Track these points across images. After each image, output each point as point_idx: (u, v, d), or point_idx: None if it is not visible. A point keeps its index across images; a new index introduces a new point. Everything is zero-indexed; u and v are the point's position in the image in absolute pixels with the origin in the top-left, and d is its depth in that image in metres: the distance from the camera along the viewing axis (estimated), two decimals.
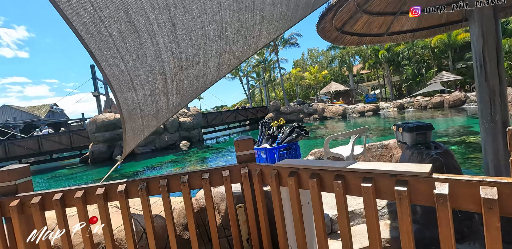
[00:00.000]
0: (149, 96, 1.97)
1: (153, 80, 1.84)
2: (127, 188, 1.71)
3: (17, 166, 1.77)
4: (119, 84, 1.67)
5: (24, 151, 16.50)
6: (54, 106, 37.91)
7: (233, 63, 2.21)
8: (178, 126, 18.68)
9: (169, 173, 1.68)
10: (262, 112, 30.29)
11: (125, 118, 2.12)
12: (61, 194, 1.68)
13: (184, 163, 11.77)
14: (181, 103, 2.34)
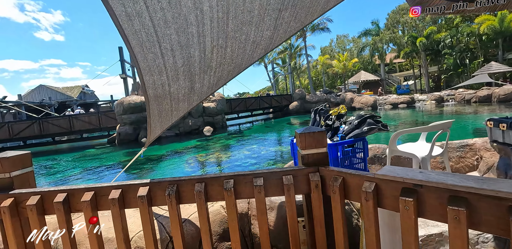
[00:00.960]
0: (181, 68, 1.46)
1: (188, 44, 1.31)
2: (150, 191, 1.26)
3: (15, 152, 1.37)
4: (142, 46, 1.17)
5: (57, 129, 17.21)
6: (86, 88, 39.45)
7: (292, 28, 1.61)
8: (202, 111, 18.51)
9: (205, 175, 1.12)
10: (286, 101, 29.44)
11: (149, 98, 1.64)
12: (65, 194, 1.26)
13: (208, 149, 11.54)
14: (219, 81, 1.82)
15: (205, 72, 1.61)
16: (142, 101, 16.64)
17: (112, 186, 1.27)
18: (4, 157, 1.30)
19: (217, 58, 1.54)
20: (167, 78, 1.49)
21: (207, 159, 9.03)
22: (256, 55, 1.72)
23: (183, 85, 1.67)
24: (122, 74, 18.98)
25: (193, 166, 8.36)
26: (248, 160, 8.27)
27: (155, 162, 9.78)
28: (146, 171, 8.46)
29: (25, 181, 1.38)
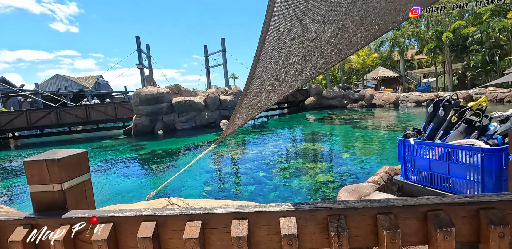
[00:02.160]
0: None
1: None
2: None
3: (68, 151, 0.88)
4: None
5: (73, 118, 17.11)
6: (100, 78, 39.61)
7: None
8: (219, 103, 18.07)
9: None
10: (302, 96, 28.70)
11: (255, 74, 1.12)
12: (153, 223, 0.75)
13: (228, 145, 11.09)
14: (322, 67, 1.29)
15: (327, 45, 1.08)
16: (158, 93, 16.31)
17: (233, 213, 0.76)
18: (53, 159, 0.80)
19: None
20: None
21: (231, 155, 8.57)
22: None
23: (296, 62, 1.16)
24: (139, 64, 18.64)
25: (217, 162, 7.91)
26: (276, 157, 7.77)
27: (175, 156, 9.40)
28: (167, 166, 8.07)
29: (81, 195, 0.89)
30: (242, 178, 6.13)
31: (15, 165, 10.27)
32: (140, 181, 6.70)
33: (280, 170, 6.57)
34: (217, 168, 7.14)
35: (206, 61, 24.26)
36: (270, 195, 5.10)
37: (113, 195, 5.68)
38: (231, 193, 5.21)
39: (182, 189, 5.71)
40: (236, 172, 6.64)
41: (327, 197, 4.83)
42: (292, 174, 6.28)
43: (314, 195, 4.93)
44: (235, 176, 6.30)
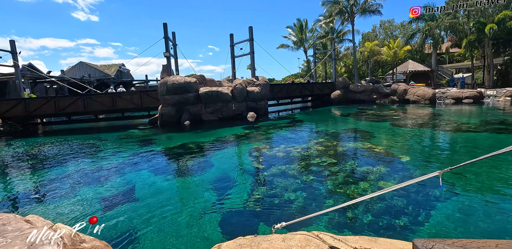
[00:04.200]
0: None
1: None
2: None
3: None
4: None
5: (100, 106, 17.01)
6: (122, 67, 39.81)
7: None
8: (246, 95, 17.40)
9: None
10: (328, 89, 27.53)
11: None
12: None
13: (262, 141, 10.46)
14: None
15: None
16: (185, 82, 15.82)
17: None
18: None
19: None
20: None
21: (274, 153, 7.92)
22: None
23: None
24: (165, 52, 18.13)
25: (260, 161, 7.29)
26: (324, 158, 7.05)
27: (209, 152, 8.87)
28: (203, 164, 7.54)
29: None
30: (290, 181, 5.49)
31: (42, 153, 10.14)
32: (178, 183, 6.20)
33: (332, 173, 5.87)
34: (260, 168, 6.53)
35: (231, 51, 23.49)
36: (325, 203, 4.44)
37: (160, 205, 5.19)
38: (282, 202, 4.58)
39: (228, 191, 5.15)
40: (283, 173, 6.00)
41: (395, 208, 4.11)
42: (346, 178, 5.57)
43: (377, 206, 4.22)
44: (282, 178, 5.67)
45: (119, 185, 5.80)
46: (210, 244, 3.34)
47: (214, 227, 3.74)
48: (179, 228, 3.76)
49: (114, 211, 4.40)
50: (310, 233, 1.63)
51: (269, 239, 1.59)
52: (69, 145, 11.60)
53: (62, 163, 8.32)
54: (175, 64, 20.49)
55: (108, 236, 3.43)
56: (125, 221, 4.02)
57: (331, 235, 1.56)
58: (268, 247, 1.47)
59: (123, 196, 5.12)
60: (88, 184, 5.95)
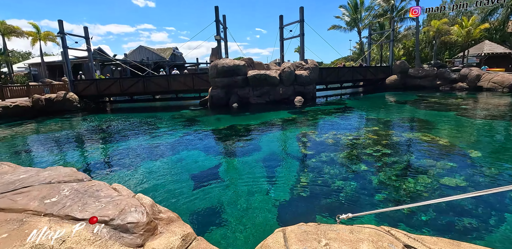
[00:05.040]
0: None
1: None
2: None
3: None
4: None
5: (157, 87, 18.35)
6: (176, 50, 41.81)
7: None
8: (294, 79, 17.02)
9: None
10: (383, 73, 25.37)
11: None
12: None
13: (310, 126, 10.28)
14: None
15: None
16: (234, 65, 16.01)
17: None
18: None
19: None
20: None
21: (323, 140, 7.76)
22: None
23: None
24: (216, 35, 18.42)
25: (307, 147, 7.22)
26: (379, 147, 6.67)
27: (257, 135, 9.04)
28: (250, 147, 7.73)
29: None
30: (339, 169, 5.35)
31: (110, 128, 11.44)
32: (227, 163, 6.49)
33: (385, 164, 5.55)
34: (308, 154, 6.47)
35: (280, 33, 22.83)
36: (376, 196, 4.23)
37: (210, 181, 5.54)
38: (330, 189, 4.50)
39: (275, 175, 5.25)
40: (332, 161, 5.86)
41: (467, 208, 3.73)
42: (403, 171, 5.22)
43: (440, 206, 3.87)
44: (331, 166, 5.54)
45: (173, 161, 6.32)
46: (265, 227, 3.50)
47: (265, 209, 3.89)
48: (232, 208, 4.00)
49: (168, 186, 4.85)
50: (379, 227, 1.58)
51: (335, 229, 1.59)
52: (130, 122, 12.89)
53: (125, 138, 9.33)
54: (224, 48, 20.77)
55: (171, 209, 3.82)
56: (177, 195, 4.42)
57: (404, 232, 1.49)
58: (335, 237, 1.47)
59: (176, 171, 5.59)
60: (148, 158, 6.60)
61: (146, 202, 2.13)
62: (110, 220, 1.85)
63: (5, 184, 2.40)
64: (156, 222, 2.00)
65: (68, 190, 2.21)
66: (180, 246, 1.82)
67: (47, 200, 2.05)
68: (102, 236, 1.73)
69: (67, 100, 17.43)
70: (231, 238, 3.18)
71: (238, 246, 3.04)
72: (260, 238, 3.11)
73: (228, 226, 3.44)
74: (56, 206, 1.98)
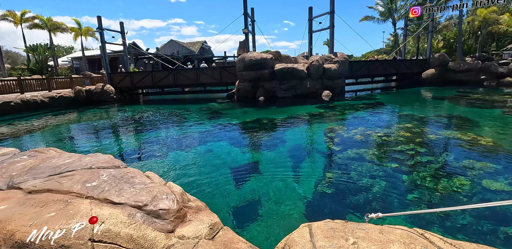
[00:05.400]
0: None
1: None
2: None
3: None
4: None
5: (186, 80, 18.87)
6: (204, 44, 42.46)
7: None
8: (322, 72, 16.56)
9: None
10: (419, 67, 23.77)
11: None
12: None
13: (338, 121, 10.00)
14: None
15: None
16: (262, 58, 15.93)
17: None
18: None
19: None
20: None
21: (351, 136, 7.53)
22: None
23: None
24: (244, 29, 18.38)
25: (335, 143, 7.06)
26: (412, 145, 6.33)
27: (282, 128, 8.99)
28: (276, 141, 7.71)
29: None
30: (368, 167, 5.16)
31: (142, 118, 12.01)
32: (253, 156, 6.53)
33: (419, 164, 5.25)
34: (335, 150, 6.31)
35: (309, 25, 22.21)
36: (407, 197, 4.02)
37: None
38: (357, 187, 4.37)
39: (300, 170, 5.20)
40: (360, 157, 5.66)
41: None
42: (438, 171, 4.90)
43: (480, 211, 3.58)
44: (359, 163, 5.36)
45: (201, 152, 6.51)
46: (290, 221, 3.51)
47: (290, 204, 3.89)
48: (257, 200, 4.05)
49: (196, 176, 5.02)
50: (412, 229, 1.51)
51: (363, 228, 1.55)
52: (161, 113, 13.44)
53: (156, 128, 9.77)
54: (252, 41, 20.69)
55: (198, 198, 3.97)
56: (204, 185, 4.56)
57: (440, 236, 1.41)
58: (364, 236, 1.43)
59: (203, 162, 5.75)
60: (177, 148, 6.86)
61: (176, 190, 2.22)
62: (144, 206, 1.96)
63: (53, 167, 2.63)
64: (186, 210, 2.09)
65: (106, 176, 2.37)
66: (208, 234, 1.89)
67: (88, 184, 2.22)
68: (137, 220, 1.84)
69: (105, 91, 18.56)
70: (255, 230, 3.24)
71: (262, 238, 3.08)
72: (284, 232, 3.13)
73: (253, 218, 3.50)
74: (96, 190, 2.14)
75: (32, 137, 9.35)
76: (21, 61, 30.10)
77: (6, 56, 28.69)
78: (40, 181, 2.33)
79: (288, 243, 1.67)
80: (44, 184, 2.26)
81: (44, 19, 24.27)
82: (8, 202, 2.01)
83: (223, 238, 1.89)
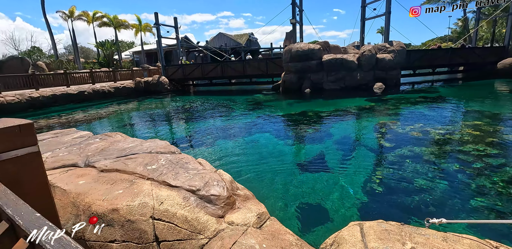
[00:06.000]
0: None
1: None
2: None
3: None
4: None
5: (233, 72, 19.31)
6: (251, 36, 42.66)
7: None
8: (374, 63, 15.42)
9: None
10: (494, 56, 20.51)
11: None
12: None
13: (392, 116, 9.29)
14: None
15: None
16: (309, 49, 15.43)
17: None
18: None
19: None
20: None
21: (406, 132, 6.95)
22: None
23: None
24: (292, 19, 17.93)
25: (388, 139, 6.59)
26: (479, 145, 5.59)
27: (329, 122, 8.68)
28: (321, 134, 7.48)
29: None
30: (426, 167, 4.70)
31: (192, 108, 12.68)
32: (297, 149, 6.45)
33: (489, 167, 4.61)
34: (387, 147, 5.89)
35: (362, 12, 20.71)
36: (472, 203, 3.55)
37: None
38: (412, 188, 4.01)
39: (347, 165, 4.98)
40: (416, 156, 5.19)
41: None
42: None
43: None
44: (416, 163, 4.92)
45: (247, 142, 6.65)
46: (337, 217, 3.43)
47: (337, 200, 3.78)
48: (302, 193, 4.03)
49: (242, 165, 5.15)
50: (484, 241, 1.33)
51: (423, 233, 1.42)
52: (209, 104, 14.03)
53: (205, 118, 10.25)
54: (299, 31, 20.12)
55: (245, 187, 4.10)
56: (250, 174, 4.66)
57: (492, 242, 1.22)
58: (424, 242, 1.31)
59: (249, 152, 5.87)
60: (224, 138, 7.12)
61: (226, 178, 2.32)
62: (197, 190, 2.09)
63: (119, 150, 2.95)
64: (235, 197, 2.17)
65: (164, 160, 2.58)
66: (255, 223, 1.94)
67: (149, 167, 2.44)
68: (191, 203, 1.98)
69: (160, 83, 20.05)
70: (300, 223, 3.23)
71: (307, 232, 3.07)
72: (330, 228, 3.06)
73: (297, 211, 3.49)
74: (156, 172, 2.35)
75: (101, 122, 10.62)
76: (93, 56, 34.02)
77: (81, 51, 32.72)
78: (109, 161, 2.64)
79: (337, 240, 1.63)
80: (113, 164, 2.55)
81: (110, 18, 26.88)
82: (85, 178, 2.33)
83: (270, 228, 1.92)
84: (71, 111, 13.33)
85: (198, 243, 1.76)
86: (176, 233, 1.80)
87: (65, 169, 2.59)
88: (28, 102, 13.50)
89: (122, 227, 1.84)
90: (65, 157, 2.88)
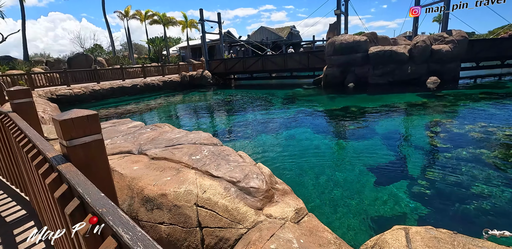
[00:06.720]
0: None
1: None
2: None
3: None
4: None
5: (273, 66, 19.20)
6: (293, 28, 41.72)
7: None
8: (429, 55, 14.02)
9: None
10: None
11: None
12: None
13: (448, 113, 8.44)
14: None
15: None
16: (354, 41, 14.60)
17: None
18: None
19: None
20: None
21: (464, 132, 6.27)
22: None
23: None
24: (336, 10, 17.08)
25: (443, 139, 6.01)
26: None
27: (374, 119, 8.20)
28: (365, 131, 7.10)
29: None
30: (487, 171, 4.20)
31: (233, 102, 12.97)
32: (338, 146, 6.23)
33: None
34: (441, 147, 5.38)
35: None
36: None
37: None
38: (468, 194, 3.61)
39: (391, 165, 4.67)
40: (476, 159, 4.66)
41: None
42: None
43: None
44: (474, 166, 4.41)
45: (286, 136, 6.62)
46: (379, 219, 3.28)
47: (380, 201, 3.60)
48: (343, 192, 3.91)
49: (281, 159, 5.15)
50: None
51: (479, 245, 1.29)
52: (250, 97, 14.21)
53: (245, 111, 10.43)
54: (344, 22, 19.12)
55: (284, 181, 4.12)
56: (289, 169, 4.65)
57: None
58: None
59: (289, 147, 5.84)
60: (264, 131, 7.18)
61: (265, 172, 2.35)
62: (237, 182, 2.17)
63: (167, 140, 3.18)
64: (273, 191, 2.20)
65: (207, 151, 2.71)
66: (293, 218, 1.95)
67: (193, 157, 2.59)
68: (231, 194, 2.05)
69: (204, 77, 20.85)
70: (339, 222, 3.16)
71: (345, 232, 2.99)
72: (372, 230, 2.94)
73: (337, 210, 3.41)
74: (199, 162, 2.48)
75: (151, 113, 11.48)
76: (144, 52, 36.65)
77: (134, 48, 35.49)
78: (159, 150, 2.86)
79: (379, 243, 1.56)
80: (162, 153, 2.76)
81: (160, 15, 28.53)
82: (139, 164, 2.56)
83: (308, 224, 1.91)
84: (125, 102, 14.62)
85: (238, 232, 1.83)
86: (218, 221, 1.89)
87: (122, 155, 2.88)
88: (91, 94, 15.14)
89: (170, 211, 2.00)
90: (122, 144, 3.19)
